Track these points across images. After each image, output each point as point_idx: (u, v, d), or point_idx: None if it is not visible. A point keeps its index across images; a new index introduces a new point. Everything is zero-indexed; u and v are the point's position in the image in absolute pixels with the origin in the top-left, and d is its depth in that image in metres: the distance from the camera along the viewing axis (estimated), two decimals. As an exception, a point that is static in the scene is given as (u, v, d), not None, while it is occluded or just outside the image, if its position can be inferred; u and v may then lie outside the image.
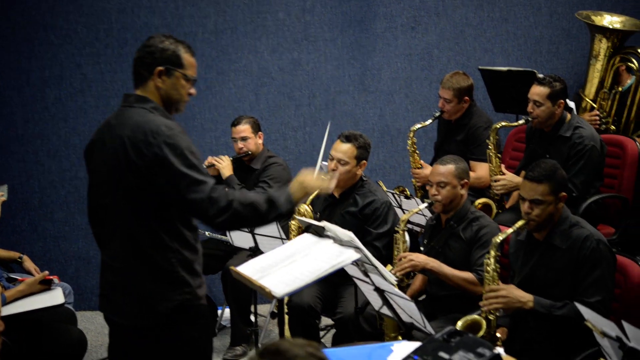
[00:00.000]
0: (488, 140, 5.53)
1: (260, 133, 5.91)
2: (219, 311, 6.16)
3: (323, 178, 3.51)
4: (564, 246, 3.96)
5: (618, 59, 6.28)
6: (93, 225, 3.38)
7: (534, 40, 6.99)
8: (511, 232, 4.07)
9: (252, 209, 3.20)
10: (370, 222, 4.97)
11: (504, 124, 5.58)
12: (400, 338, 4.24)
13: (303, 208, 5.03)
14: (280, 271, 3.52)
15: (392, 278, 3.94)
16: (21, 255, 5.37)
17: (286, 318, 4.86)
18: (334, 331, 5.14)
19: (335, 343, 4.97)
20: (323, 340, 5.45)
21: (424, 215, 5.12)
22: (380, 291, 3.86)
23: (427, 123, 5.89)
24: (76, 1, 6.51)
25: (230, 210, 3.14)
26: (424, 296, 4.87)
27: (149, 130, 3.12)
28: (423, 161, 5.91)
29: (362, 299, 4.40)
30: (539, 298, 3.87)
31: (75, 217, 6.60)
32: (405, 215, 4.76)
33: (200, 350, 3.34)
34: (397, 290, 3.84)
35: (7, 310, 4.60)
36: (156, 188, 3.12)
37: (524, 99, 5.40)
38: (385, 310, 3.99)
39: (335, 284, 4.92)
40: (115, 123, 3.24)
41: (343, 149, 5.01)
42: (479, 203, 5.49)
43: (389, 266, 4.55)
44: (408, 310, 3.83)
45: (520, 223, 4.01)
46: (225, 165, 5.78)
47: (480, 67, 6.47)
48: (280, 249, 3.77)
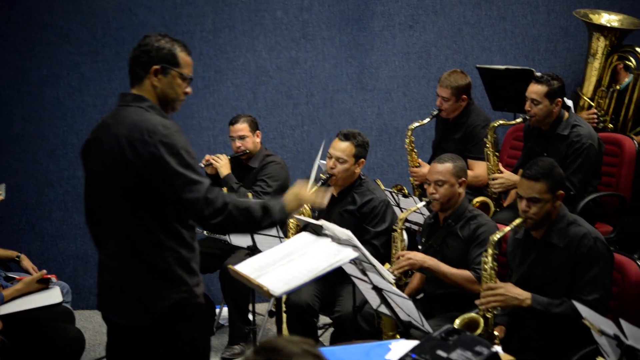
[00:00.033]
0: (486, 139, 5.53)
1: (258, 132, 5.90)
2: (217, 310, 6.17)
3: (317, 192, 3.57)
4: (562, 244, 3.96)
5: (616, 57, 6.28)
6: (90, 225, 3.38)
7: (531, 39, 6.99)
8: (508, 230, 4.07)
9: (247, 213, 3.21)
10: (369, 221, 4.97)
11: (501, 122, 5.58)
12: (398, 336, 4.24)
13: (301, 207, 5.04)
14: (278, 270, 3.52)
15: (390, 276, 3.95)
16: (19, 254, 5.36)
17: (284, 317, 4.86)
18: (332, 330, 5.14)
19: (333, 342, 4.96)
20: (321, 338, 5.45)
21: (422, 214, 5.12)
22: (378, 290, 3.86)
23: (425, 121, 5.89)
24: (74, 0, 6.52)
25: (225, 212, 3.14)
26: (421, 295, 4.87)
27: (146, 129, 3.12)
28: (421, 160, 5.91)
29: (360, 298, 4.40)
30: (537, 296, 3.87)
31: (73, 216, 6.60)
32: (403, 213, 4.76)
33: (198, 349, 3.34)
34: (395, 288, 3.84)
35: (5, 309, 4.60)
36: (152, 187, 3.11)
37: (522, 97, 5.40)
38: (383, 308, 3.99)
39: (333, 282, 4.92)
40: (112, 122, 3.24)
41: (341, 147, 5.00)
42: (477, 201, 5.49)
43: (387, 265, 4.55)
44: (406, 308, 3.83)
45: (517, 221, 4.01)
46: (223, 164, 5.78)
47: (478, 66, 6.47)
48: (278, 248, 3.77)
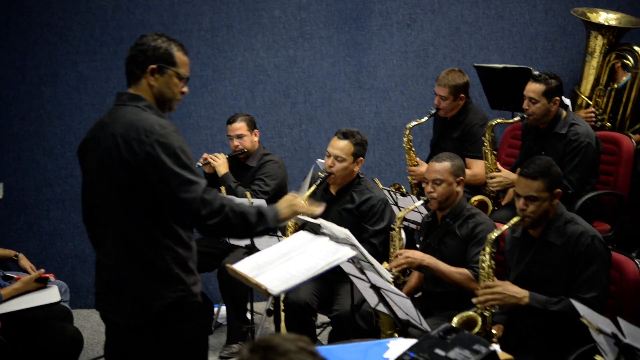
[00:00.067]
0: (484, 138, 5.54)
1: (256, 131, 5.90)
2: (215, 309, 6.16)
3: (311, 202, 3.61)
4: (559, 243, 3.96)
5: (614, 56, 6.28)
6: (87, 224, 3.37)
7: (529, 38, 6.99)
8: (506, 229, 4.07)
9: (243, 218, 3.19)
10: (367, 219, 4.97)
11: (499, 121, 5.59)
12: (396, 335, 4.24)
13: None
14: (277, 269, 3.52)
15: (388, 275, 3.94)
16: (17, 253, 5.36)
17: (282, 315, 4.86)
18: (330, 328, 5.14)
19: (332, 340, 4.97)
20: (319, 337, 5.45)
21: (420, 213, 5.12)
22: (376, 288, 3.86)
23: (423, 120, 5.89)
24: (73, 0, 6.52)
25: (222, 214, 3.13)
26: (420, 293, 4.87)
27: (142, 128, 3.11)
28: (419, 158, 5.92)
29: (358, 296, 4.40)
30: (535, 294, 3.87)
31: (71, 215, 6.59)
32: (401, 212, 4.76)
33: (196, 348, 3.34)
34: (393, 287, 3.84)
35: (3, 308, 4.60)
36: (149, 187, 3.11)
37: (520, 96, 5.40)
38: (381, 307, 3.99)
39: (331, 281, 4.92)
40: (109, 121, 3.23)
41: (340, 146, 5.00)
42: (475, 200, 5.49)
43: (385, 263, 4.55)
44: (404, 307, 3.83)
45: (515, 219, 4.02)
46: (221, 163, 5.77)
47: (475, 65, 6.47)
48: (277, 247, 3.77)
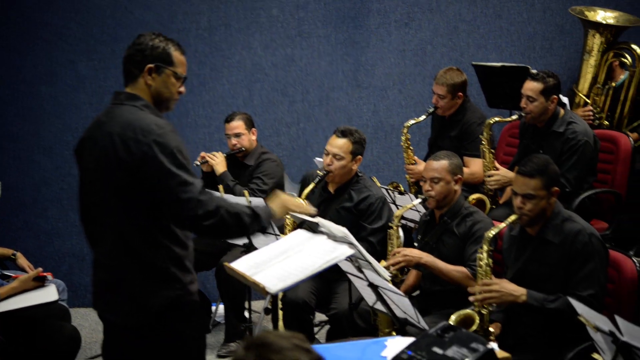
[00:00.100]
0: (482, 136, 5.54)
1: (253, 129, 5.89)
2: (213, 307, 6.16)
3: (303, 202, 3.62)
4: (557, 241, 3.96)
5: (611, 54, 6.28)
6: (84, 223, 3.37)
7: (527, 36, 6.99)
8: (504, 227, 4.07)
9: (237, 219, 3.20)
10: (365, 218, 4.97)
11: (497, 119, 5.59)
12: (394, 333, 4.24)
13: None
14: (274, 267, 3.52)
15: (386, 274, 3.95)
16: (15, 252, 5.35)
17: (280, 314, 4.86)
18: (328, 327, 5.14)
19: (330, 339, 4.97)
20: (317, 336, 5.45)
21: (418, 211, 5.12)
22: (374, 287, 3.86)
23: (421, 119, 5.89)
24: (71, -2, 6.52)
25: (217, 215, 3.12)
26: (417, 292, 4.87)
27: (139, 128, 3.11)
28: (417, 157, 5.92)
29: (356, 295, 4.40)
30: (532, 292, 3.86)
31: (69, 214, 6.58)
32: (399, 211, 4.76)
33: (193, 347, 3.33)
34: (391, 285, 3.85)
35: (1, 307, 4.60)
36: (145, 186, 3.10)
37: (518, 94, 5.41)
38: (379, 305, 3.99)
39: (329, 279, 4.92)
40: (106, 120, 3.23)
41: (339, 144, 5.01)
42: (473, 199, 5.49)
43: (383, 262, 4.55)
44: (402, 305, 3.83)
45: (512, 218, 4.02)
46: (218, 162, 5.77)
47: (473, 63, 6.47)
48: (274, 245, 3.77)
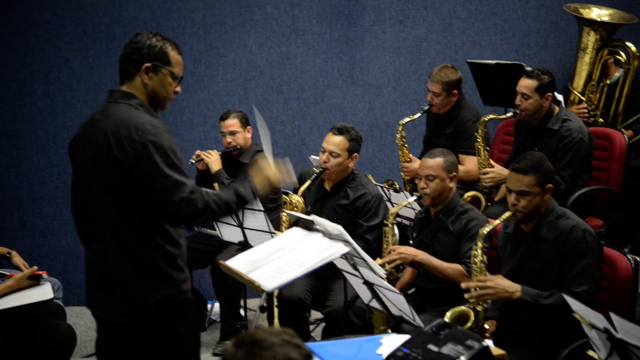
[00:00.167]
0: (477, 134, 5.54)
1: (248, 127, 5.89)
2: (209, 305, 6.16)
3: (279, 168, 3.52)
4: (551, 237, 3.97)
5: (606, 51, 6.29)
6: (78, 221, 3.37)
7: (522, 34, 7.00)
8: (498, 224, 4.08)
9: (227, 208, 3.28)
10: (362, 215, 4.98)
11: (492, 116, 5.60)
12: (389, 331, 4.25)
13: (295, 199, 5.04)
14: (270, 265, 3.52)
15: (381, 271, 3.95)
16: (10, 250, 5.34)
17: (276, 312, 4.87)
18: (323, 325, 5.15)
19: (325, 336, 4.98)
20: (313, 333, 5.45)
21: (413, 209, 5.13)
22: (369, 284, 3.86)
23: (416, 117, 5.89)
24: (65, -4, 6.51)
25: (207, 211, 3.18)
26: (413, 289, 4.88)
27: (134, 126, 3.11)
28: (412, 155, 5.92)
29: (352, 293, 4.40)
30: (527, 288, 3.87)
31: (64, 213, 6.58)
32: (394, 208, 4.76)
33: (187, 345, 3.33)
34: (386, 283, 3.85)
35: (-4, 305, 4.59)
36: (138, 185, 3.11)
37: (512, 92, 5.41)
38: (374, 303, 3.99)
39: (324, 277, 4.93)
40: (100, 118, 3.23)
41: (335, 142, 5.01)
42: (468, 196, 5.49)
43: (379, 259, 4.55)
44: (397, 303, 3.83)
45: (507, 214, 4.03)
46: (214, 160, 5.77)
47: (468, 61, 6.48)
48: (270, 243, 3.77)
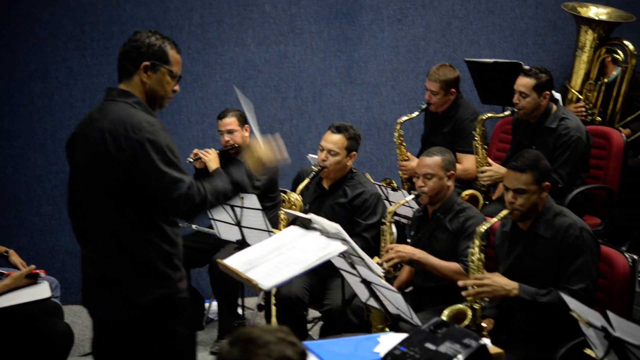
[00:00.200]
0: (474, 132, 5.55)
1: (246, 126, 5.88)
2: (207, 304, 6.15)
3: (268, 145, 3.51)
4: (548, 235, 3.97)
5: (604, 50, 6.30)
6: (74, 220, 3.36)
7: (520, 32, 7.00)
8: (495, 221, 4.08)
9: (224, 197, 3.32)
10: (360, 213, 4.97)
11: (490, 115, 5.60)
12: (387, 329, 4.25)
13: (294, 198, 5.04)
14: (267, 264, 3.52)
15: (379, 270, 3.95)
16: (7, 249, 5.34)
17: (273, 310, 4.86)
18: (321, 323, 5.14)
19: (323, 335, 4.98)
20: (310, 332, 5.46)
21: (411, 207, 5.13)
22: (367, 283, 3.86)
23: (414, 115, 5.90)
24: (61, -6, 6.50)
25: (205, 205, 3.22)
26: (410, 288, 4.88)
27: (130, 124, 3.11)
28: (410, 153, 5.92)
29: (349, 291, 4.40)
30: (524, 286, 3.87)
31: (62, 211, 6.56)
32: (392, 207, 4.76)
33: (184, 344, 3.33)
34: (384, 282, 3.85)
35: (-6, 304, 4.59)
36: (135, 183, 3.11)
37: (510, 90, 5.42)
38: (372, 302, 3.99)
39: (322, 276, 4.93)
40: (98, 117, 3.23)
41: (334, 140, 5.01)
42: (466, 194, 5.50)
43: (376, 258, 4.55)
44: (395, 301, 3.83)
45: (504, 212, 4.03)
46: (211, 158, 5.76)
47: (466, 59, 6.48)
48: (267, 242, 3.76)
